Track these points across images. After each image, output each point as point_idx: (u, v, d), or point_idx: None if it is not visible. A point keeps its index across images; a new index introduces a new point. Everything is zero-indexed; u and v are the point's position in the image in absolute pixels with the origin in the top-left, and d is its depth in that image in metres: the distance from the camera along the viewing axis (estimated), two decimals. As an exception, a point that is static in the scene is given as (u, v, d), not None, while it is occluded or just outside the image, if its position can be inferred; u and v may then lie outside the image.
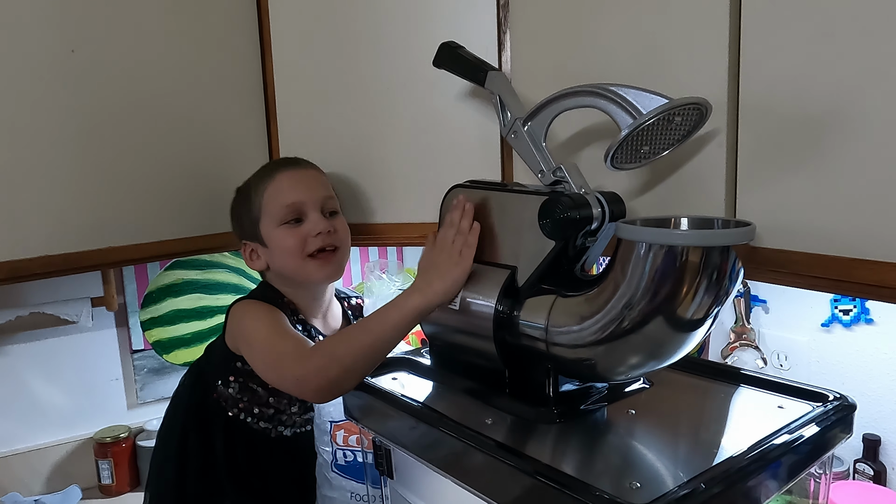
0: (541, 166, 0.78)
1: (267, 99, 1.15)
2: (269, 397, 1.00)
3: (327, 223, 1.00)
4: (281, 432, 1.03)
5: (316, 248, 0.99)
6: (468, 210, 0.81)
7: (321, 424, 1.01)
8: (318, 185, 1.02)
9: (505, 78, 0.88)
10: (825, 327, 1.26)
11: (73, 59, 0.97)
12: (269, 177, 1.01)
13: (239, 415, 1.01)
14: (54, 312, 1.36)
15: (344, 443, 1.00)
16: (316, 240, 0.99)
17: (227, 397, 1.00)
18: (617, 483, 0.58)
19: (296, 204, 0.99)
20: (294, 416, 1.03)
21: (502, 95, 0.84)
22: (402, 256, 1.88)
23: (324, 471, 1.01)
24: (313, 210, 1.00)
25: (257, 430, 1.01)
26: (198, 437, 1.02)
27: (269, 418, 1.02)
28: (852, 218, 0.65)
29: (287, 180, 1.01)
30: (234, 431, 1.01)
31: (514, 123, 0.81)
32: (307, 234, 0.99)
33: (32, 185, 0.95)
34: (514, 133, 0.81)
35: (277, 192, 1.00)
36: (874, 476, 1.17)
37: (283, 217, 0.99)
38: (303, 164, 1.04)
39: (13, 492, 1.34)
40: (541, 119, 0.78)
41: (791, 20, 0.67)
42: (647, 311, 0.62)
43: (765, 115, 0.70)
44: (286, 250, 1.00)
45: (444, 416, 0.72)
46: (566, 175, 0.75)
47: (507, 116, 0.82)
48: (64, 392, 1.42)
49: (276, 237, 1.00)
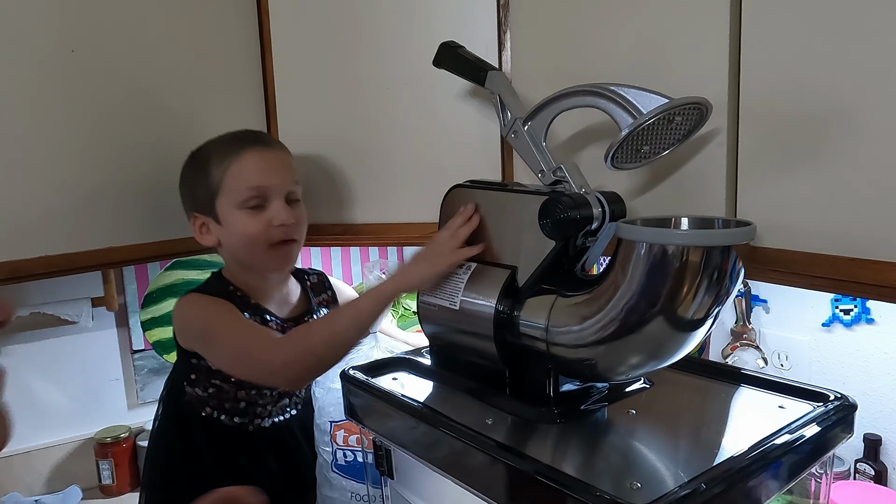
0: (541, 166, 0.78)
1: (267, 99, 1.15)
2: (237, 391, 0.98)
3: (291, 214, 0.95)
4: (259, 424, 1.01)
5: (278, 240, 0.95)
6: (472, 221, 0.80)
7: (321, 425, 1.01)
8: (286, 170, 0.97)
9: (505, 77, 0.87)
10: (826, 327, 1.26)
11: (74, 59, 0.97)
12: (235, 154, 0.95)
13: (212, 413, 0.99)
14: (55, 313, 1.36)
15: (344, 443, 1.00)
16: (278, 230, 0.95)
17: (196, 398, 0.99)
18: (617, 483, 0.58)
19: (261, 188, 0.94)
20: (268, 406, 1.01)
21: (502, 95, 0.83)
22: (402, 256, 1.88)
23: (324, 471, 1.01)
24: (278, 197, 0.95)
25: (233, 427, 0.99)
26: (180, 441, 1.01)
27: (243, 412, 1.00)
28: (853, 217, 0.65)
29: (255, 161, 0.95)
30: (212, 430, 0.99)
31: (515, 123, 0.81)
32: (269, 222, 0.94)
33: (33, 186, 0.95)
34: (515, 133, 0.81)
35: (242, 173, 0.94)
36: (875, 476, 1.17)
37: (244, 200, 0.94)
38: (272, 144, 0.99)
39: (14, 492, 1.35)
40: (541, 119, 0.78)
41: (791, 20, 0.67)
42: (648, 311, 0.62)
43: (765, 114, 0.70)
44: (246, 237, 0.95)
45: (445, 416, 0.72)
46: (566, 175, 0.75)
47: (508, 116, 0.82)
48: (64, 392, 1.42)
49: (235, 220, 0.95)
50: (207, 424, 0.99)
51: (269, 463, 1.03)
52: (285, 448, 1.03)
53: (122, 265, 1.36)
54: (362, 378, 0.83)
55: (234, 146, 0.95)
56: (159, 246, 1.07)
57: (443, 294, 0.79)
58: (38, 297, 1.35)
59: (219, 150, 0.96)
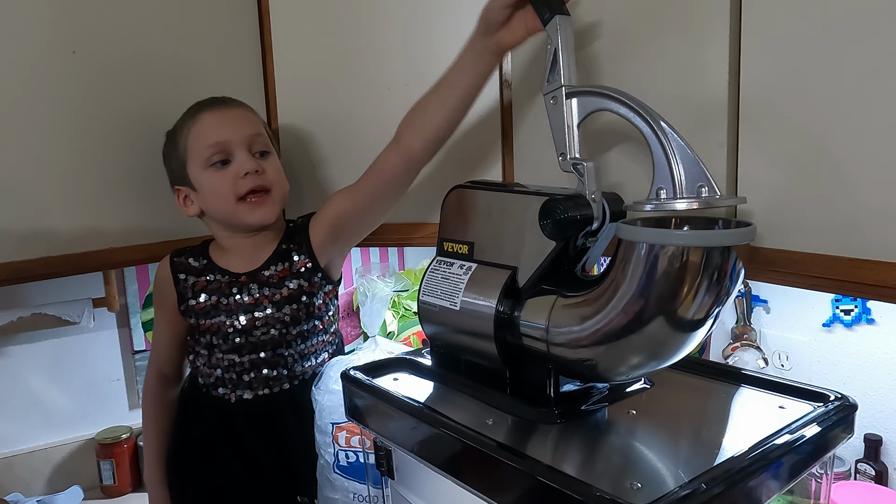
0: (565, 148, 0.73)
1: (267, 99, 1.16)
2: (210, 356, 1.03)
3: (254, 163, 0.97)
4: (241, 396, 1.03)
5: (246, 190, 0.96)
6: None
7: (323, 426, 1.01)
8: (244, 123, 0.99)
9: (571, 28, 0.74)
10: (826, 327, 1.26)
11: (75, 59, 0.97)
12: (193, 118, 0.98)
13: (197, 379, 1.07)
14: (55, 313, 1.36)
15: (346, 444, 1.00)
16: (244, 181, 0.96)
17: (193, 366, 1.08)
18: (618, 483, 0.58)
19: (220, 143, 0.96)
20: (245, 376, 1.02)
21: (560, 48, 0.72)
22: (402, 257, 1.87)
23: (325, 472, 1.01)
24: (240, 149, 0.96)
25: (217, 398, 1.04)
26: (179, 416, 1.12)
27: (222, 381, 1.03)
28: (853, 217, 0.65)
29: (211, 119, 0.97)
30: (197, 401, 1.07)
31: (560, 89, 0.72)
32: (235, 175, 0.96)
33: (34, 186, 0.95)
34: (555, 99, 0.72)
35: (201, 133, 0.97)
36: (876, 476, 1.17)
37: (208, 158, 0.96)
38: (229, 103, 1.01)
39: (15, 492, 1.35)
40: (584, 103, 0.71)
41: (791, 20, 0.67)
42: (648, 312, 0.62)
43: (765, 114, 0.70)
44: (216, 194, 0.97)
45: (445, 416, 0.72)
46: (584, 173, 0.71)
47: (556, 76, 0.72)
48: (65, 393, 1.43)
49: (204, 181, 0.98)
50: (200, 396, 1.06)
51: (249, 438, 1.03)
52: (268, 423, 1.03)
53: (124, 266, 1.36)
54: (363, 379, 0.83)
55: (193, 112, 0.99)
56: (160, 247, 1.07)
57: (443, 295, 0.79)
58: (39, 298, 1.35)
59: (182, 120, 1.00)
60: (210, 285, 1.02)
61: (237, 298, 1.00)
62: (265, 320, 1.00)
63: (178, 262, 1.04)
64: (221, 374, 1.02)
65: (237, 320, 1.00)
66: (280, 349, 1.02)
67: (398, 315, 1.62)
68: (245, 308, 1.00)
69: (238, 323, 1.00)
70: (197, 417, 1.08)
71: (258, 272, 1.02)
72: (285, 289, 1.01)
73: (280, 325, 1.01)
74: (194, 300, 1.02)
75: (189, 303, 1.02)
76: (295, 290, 1.01)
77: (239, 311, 1.00)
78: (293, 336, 1.02)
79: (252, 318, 1.00)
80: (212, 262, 1.03)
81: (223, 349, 1.01)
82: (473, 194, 0.82)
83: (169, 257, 1.05)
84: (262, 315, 1.00)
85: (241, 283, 1.01)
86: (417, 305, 0.83)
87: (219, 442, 1.04)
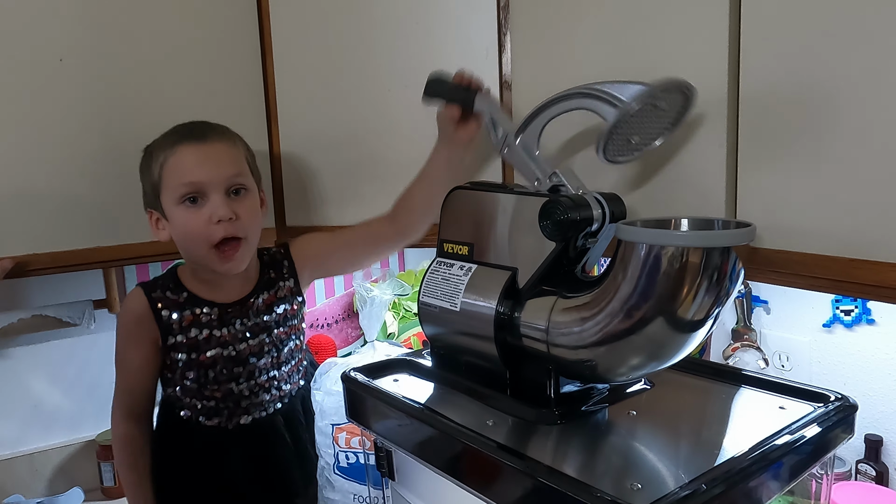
0: (536, 175, 0.79)
1: (268, 99, 1.15)
2: (204, 389, 0.99)
3: (228, 209, 0.91)
4: (238, 422, 1.01)
5: (219, 239, 0.91)
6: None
7: (323, 427, 1.01)
8: (223, 162, 0.93)
9: (491, 96, 0.89)
10: (826, 328, 1.26)
11: (77, 59, 0.98)
12: (171, 148, 0.92)
13: (191, 416, 1.00)
14: (56, 315, 1.36)
15: (346, 445, 1.00)
16: (217, 227, 0.91)
17: (175, 398, 1.01)
18: (618, 484, 0.58)
19: (195, 184, 0.91)
20: (243, 403, 1.01)
21: (492, 113, 0.85)
22: (402, 258, 1.88)
23: (326, 473, 1.02)
24: (216, 191, 0.91)
25: (213, 428, 1.00)
26: (166, 446, 1.04)
27: (217, 411, 1.00)
28: (853, 218, 0.65)
29: (189, 155, 0.91)
30: (192, 433, 1.01)
31: (507, 138, 0.82)
32: (209, 219, 0.91)
33: (36, 185, 0.96)
34: (507, 147, 0.82)
35: (177, 167, 0.91)
36: (876, 477, 1.17)
37: (181, 195, 0.91)
38: (209, 136, 0.94)
39: (16, 494, 1.35)
40: (532, 129, 0.79)
41: (791, 19, 0.67)
42: (648, 312, 0.62)
43: (765, 114, 0.70)
44: (188, 235, 0.93)
45: (446, 417, 0.72)
46: (562, 179, 0.76)
47: (499, 133, 0.83)
48: (66, 394, 1.43)
49: (176, 216, 0.92)
50: (187, 428, 1.01)
51: (251, 463, 1.02)
52: (268, 446, 1.03)
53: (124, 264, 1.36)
54: (363, 380, 0.83)
55: (171, 140, 0.93)
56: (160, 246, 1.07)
57: (443, 296, 0.80)
58: (39, 300, 1.35)
59: (159, 144, 0.94)
60: (198, 319, 0.98)
61: (230, 329, 0.99)
62: (260, 346, 1.00)
63: (155, 298, 0.98)
64: (216, 405, 1.00)
65: (233, 350, 0.99)
66: (273, 371, 1.03)
67: (399, 316, 1.62)
68: (240, 338, 0.99)
69: (234, 352, 0.99)
70: (184, 451, 1.03)
71: (246, 301, 1.01)
72: (274, 314, 1.02)
73: (274, 349, 1.02)
74: (182, 335, 0.98)
75: (177, 338, 0.98)
76: (282, 314, 1.03)
77: (234, 342, 0.99)
78: (284, 358, 1.03)
79: (248, 347, 0.99)
80: (192, 295, 0.99)
81: (220, 380, 0.99)
82: (473, 195, 0.82)
83: (142, 292, 0.99)
84: (256, 342, 1.00)
85: (230, 314, 1.00)
86: (417, 306, 0.83)
87: (213, 470, 1.02)
